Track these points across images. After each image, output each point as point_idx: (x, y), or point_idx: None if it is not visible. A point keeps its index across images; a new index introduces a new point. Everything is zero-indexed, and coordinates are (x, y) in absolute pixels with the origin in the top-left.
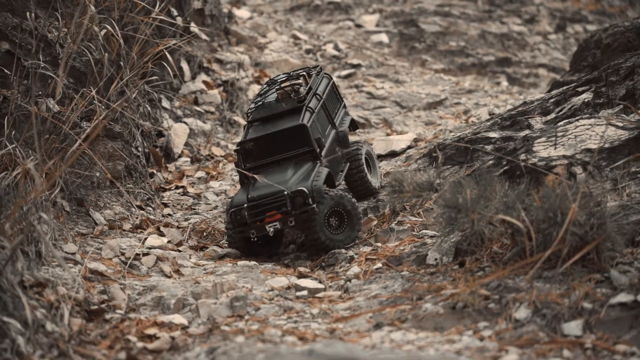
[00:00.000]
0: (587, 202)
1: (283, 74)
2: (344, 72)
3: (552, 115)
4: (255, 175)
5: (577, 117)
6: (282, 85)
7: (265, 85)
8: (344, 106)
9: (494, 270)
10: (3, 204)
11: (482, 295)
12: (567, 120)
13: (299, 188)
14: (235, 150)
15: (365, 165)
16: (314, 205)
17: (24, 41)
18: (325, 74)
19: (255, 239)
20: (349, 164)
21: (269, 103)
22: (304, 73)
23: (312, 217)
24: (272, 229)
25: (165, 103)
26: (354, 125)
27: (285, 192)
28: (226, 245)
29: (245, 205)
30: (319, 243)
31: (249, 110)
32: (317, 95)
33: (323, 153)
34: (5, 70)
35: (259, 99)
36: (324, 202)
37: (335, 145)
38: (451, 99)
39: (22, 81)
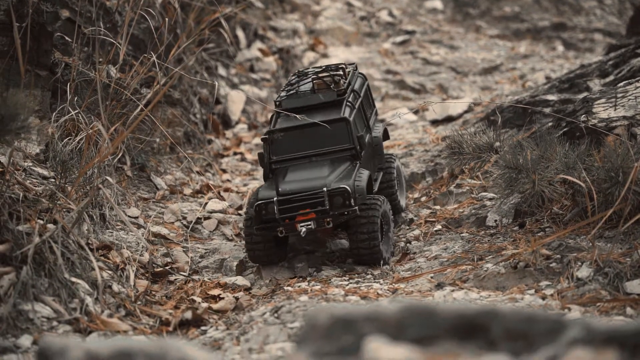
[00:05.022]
0: None
1: (316, 66)
2: (399, 39)
3: (611, 77)
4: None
5: (636, 78)
6: (320, 75)
7: (294, 76)
8: (376, 112)
9: (555, 230)
10: (68, 168)
11: (543, 254)
12: (626, 82)
13: (341, 186)
14: (262, 139)
15: (396, 181)
16: (356, 207)
17: (83, 9)
18: (360, 73)
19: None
20: (382, 173)
21: (304, 93)
22: (343, 66)
23: (370, 222)
24: (304, 229)
25: (222, 70)
26: (386, 135)
27: (325, 189)
28: None
29: (275, 199)
30: (376, 251)
31: (279, 99)
32: (356, 92)
33: (363, 154)
34: (67, 38)
35: (290, 87)
36: (377, 208)
37: (370, 150)
38: (507, 64)
39: (83, 48)
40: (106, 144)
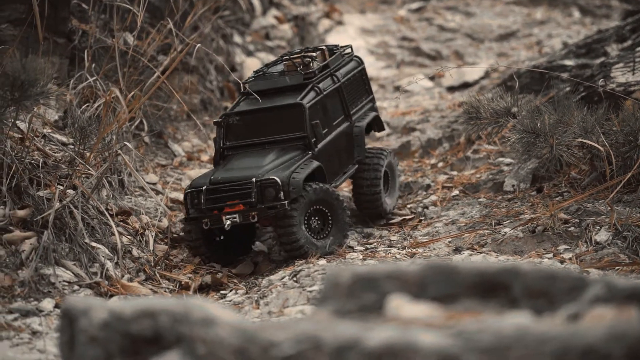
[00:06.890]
0: None
1: (305, 48)
2: (414, 6)
3: (629, 42)
4: None
5: None
6: (292, 56)
7: (279, 59)
8: (372, 100)
9: (573, 195)
10: (86, 134)
11: (561, 219)
12: None
13: (271, 177)
14: (215, 123)
15: (382, 180)
16: (286, 202)
17: None
18: (356, 57)
19: (208, 229)
20: (357, 166)
21: (271, 75)
22: (324, 47)
23: (287, 216)
24: (229, 222)
25: (237, 38)
26: (380, 125)
27: (253, 180)
28: None
29: (204, 188)
30: (296, 247)
31: (247, 80)
32: (334, 77)
33: (320, 145)
34: (83, 5)
35: (263, 68)
36: (302, 198)
37: (344, 140)
38: (523, 31)
39: (100, 16)
40: (124, 110)
